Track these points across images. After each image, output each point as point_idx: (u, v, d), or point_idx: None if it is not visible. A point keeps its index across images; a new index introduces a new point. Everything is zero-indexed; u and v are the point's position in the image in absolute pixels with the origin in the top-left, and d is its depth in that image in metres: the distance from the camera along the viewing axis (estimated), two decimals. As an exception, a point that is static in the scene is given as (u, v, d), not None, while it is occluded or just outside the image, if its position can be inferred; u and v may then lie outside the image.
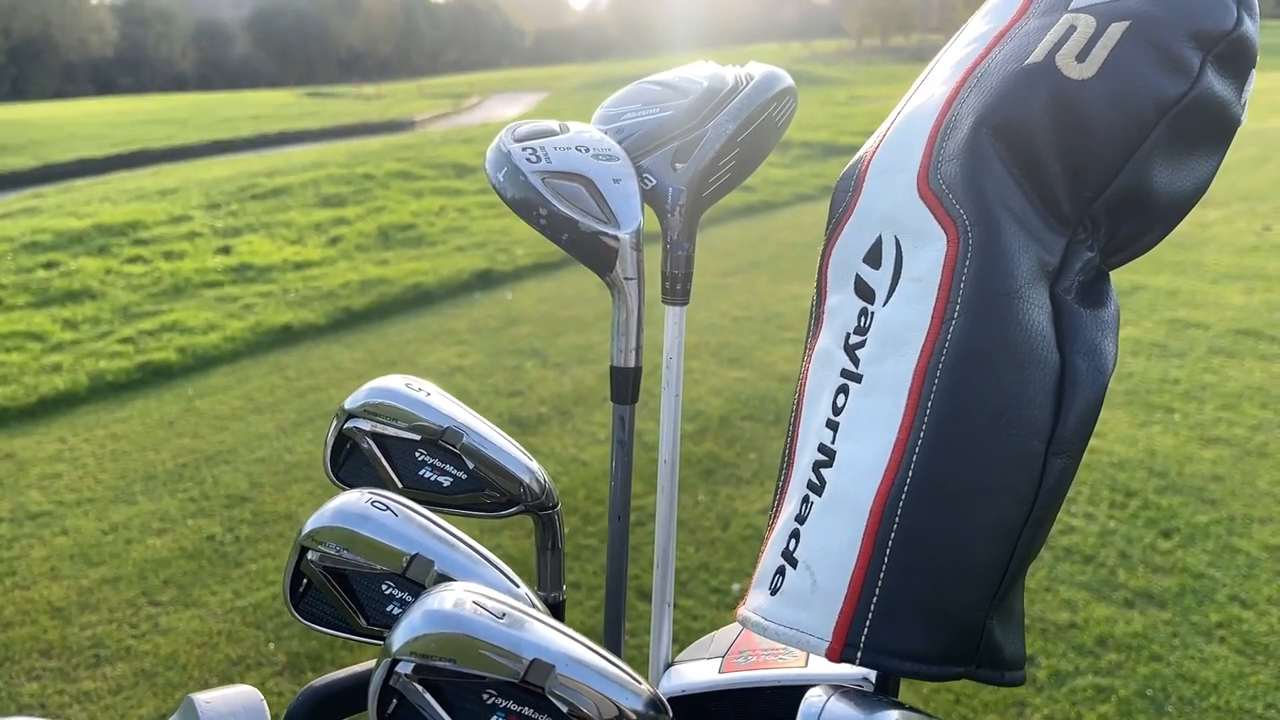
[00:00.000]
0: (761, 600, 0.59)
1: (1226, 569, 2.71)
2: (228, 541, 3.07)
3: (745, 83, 0.77)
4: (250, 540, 3.07)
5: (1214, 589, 2.62)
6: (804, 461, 0.61)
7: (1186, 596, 2.59)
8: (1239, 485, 3.17)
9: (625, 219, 0.71)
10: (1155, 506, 3.04)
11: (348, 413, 0.75)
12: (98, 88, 52.02)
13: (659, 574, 0.81)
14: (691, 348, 4.71)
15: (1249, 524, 2.93)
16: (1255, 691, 2.24)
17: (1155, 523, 2.95)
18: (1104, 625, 2.47)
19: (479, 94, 30.06)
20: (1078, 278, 0.55)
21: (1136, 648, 2.39)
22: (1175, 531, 2.90)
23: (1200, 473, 3.25)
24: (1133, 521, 2.96)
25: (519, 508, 0.75)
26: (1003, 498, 0.53)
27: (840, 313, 0.61)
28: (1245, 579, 2.66)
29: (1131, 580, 2.66)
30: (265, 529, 3.13)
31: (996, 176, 0.54)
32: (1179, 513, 3.00)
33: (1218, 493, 3.12)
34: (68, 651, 2.53)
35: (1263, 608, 2.53)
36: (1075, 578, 2.69)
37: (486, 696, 0.48)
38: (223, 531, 3.13)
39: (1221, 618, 2.49)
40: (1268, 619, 2.48)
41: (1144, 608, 2.55)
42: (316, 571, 0.60)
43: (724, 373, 4.38)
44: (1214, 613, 2.52)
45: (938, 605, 0.53)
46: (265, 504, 3.30)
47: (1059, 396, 0.53)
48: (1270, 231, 6.71)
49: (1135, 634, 2.44)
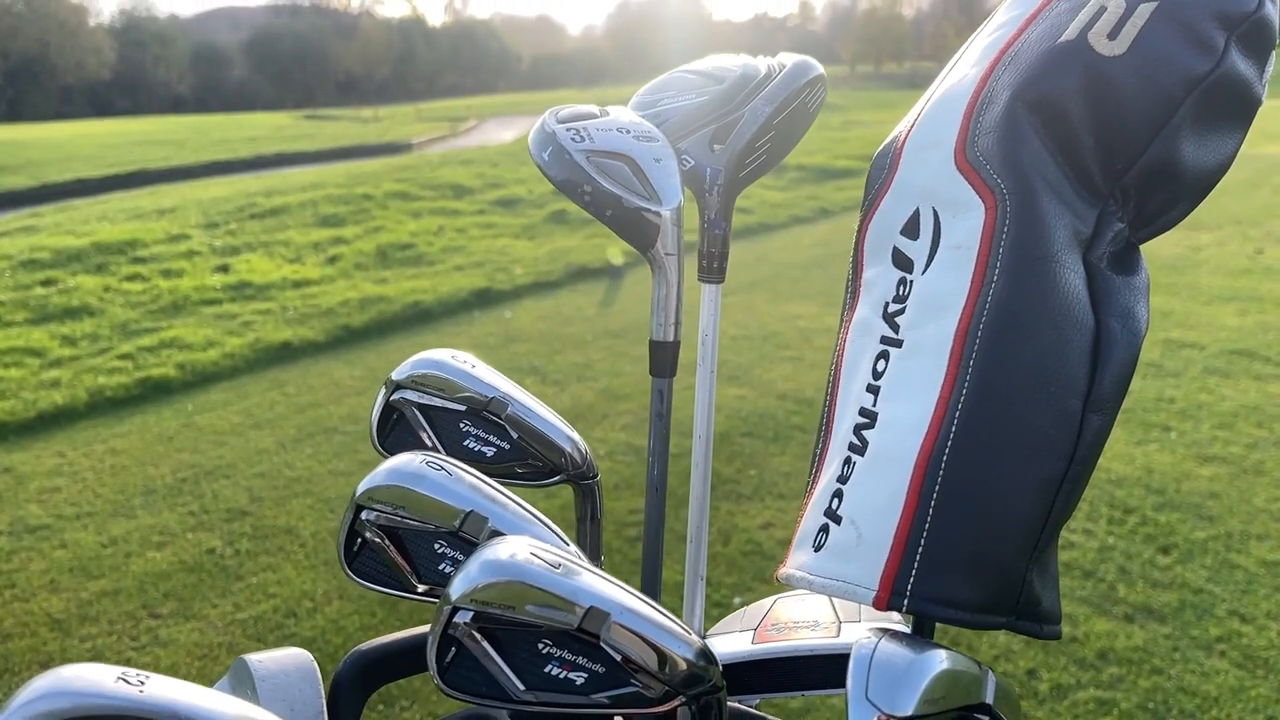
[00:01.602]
0: (805, 557, 0.61)
1: (1225, 584, 2.72)
2: (228, 555, 3.06)
3: (778, 70, 0.80)
4: (250, 554, 3.06)
5: (1213, 604, 2.63)
6: (844, 427, 0.63)
7: (1186, 611, 2.60)
8: (1236, 502, 3.18)
9: (667, 196, 0.73)
10: (1153, 523, 3.06)
11: (395, 384, 0.76)
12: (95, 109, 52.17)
13: (692, 548, 0.82)
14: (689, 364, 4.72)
15: (1246, 540, 2.95)
16: (1256, 705, 2.25)
17: (1154, 539, 2.97)
18: (1105, 639, 2.48)
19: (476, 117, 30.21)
20: (1109, 248, 0.58)
21: (1137, 661, 2.40)
22: (1174, 547, 2.92)
23: (1197, 490, 3.27)
24: (1131, 537, 2.97)
25: (560, 477, 0.76)
26: (1043, 453, 0.55)
27: (878, 284, 0.64)
28: (1244, 594, 2.67)
29: (1131, 595, 2.67)
30: (265, 542, 3.13)
31: (1032, 148, 0.57)
32: (1177, 529, 3.02)
33: (1215, 509, 3.14)
34: (67, 663, 2.52)
35: (1262, 622, 2.54)
36: (1075, 592, 2.69)
37: (542, 646, 0.49)
38: (223, 545, 3.12)
39: (1221, 632, 2.50)
40: (1267, 633, 2.49)
41: (1144, 622, 2.56)
42: (371, 530, 0.61)
43: (723, 390, 4.40)
44: (1213, 627, 2.53)
45: (981, 555, 0.55)
46: (265, 518, 3.29)
47: (1095, 357, 0.56)
48: (1262, 255, 6.77)
49: (1136, 648, 2.45)
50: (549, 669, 0.49)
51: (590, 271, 6.90)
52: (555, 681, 0.49)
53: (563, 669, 0.49)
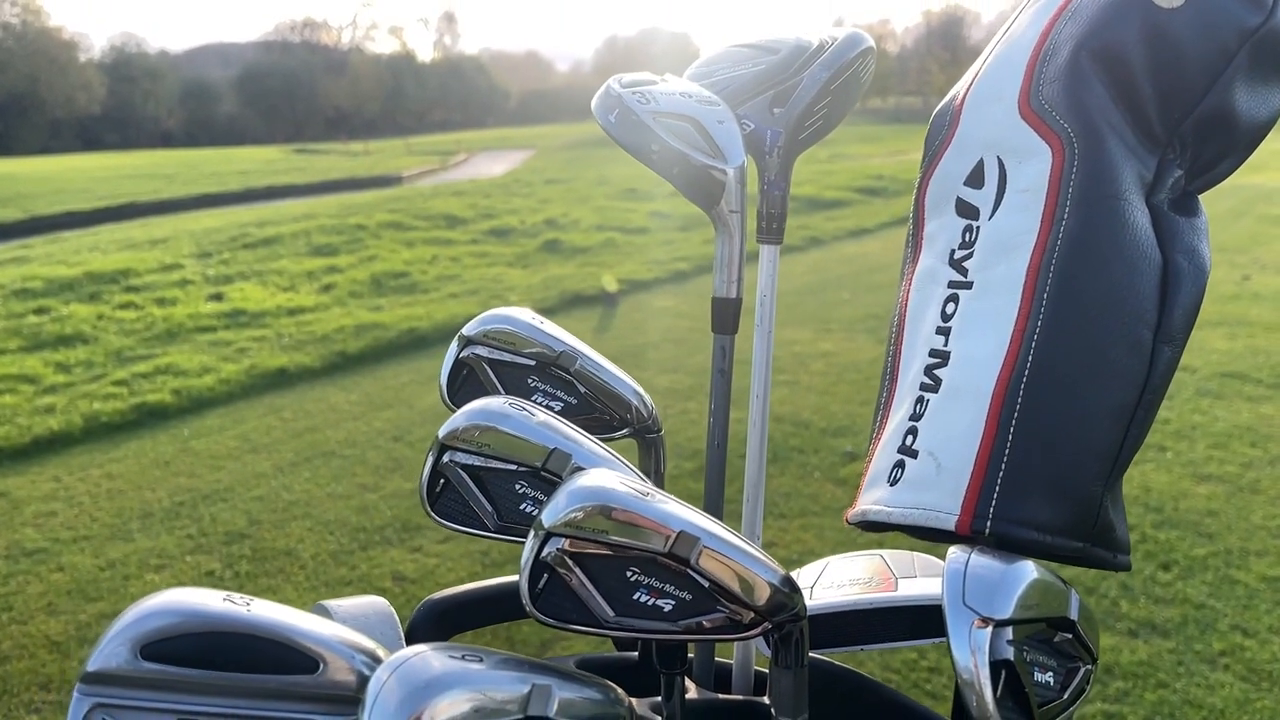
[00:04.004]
0: (880, 493, 0.62)
1: (1226, 599, 2.73)
2: (227, 577, 3.04)
3: (831, 41, 0.84)
4: (250, 575, 3.04)
5: (1215, 619, 2.64)
6: (912, 370, 0.64)
7: (1189, 626, 2.61)
8: (1234, 520, 3.20)
9: (731, 155, 0.76)
10: (1153, 540, 3.07)
11: (466, 339, 0.78)
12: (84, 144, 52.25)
13: (748, 508, 0.83)
14: (688, 390, 4.75)
15: (1246, 556, 2.96)
16: (1261, 717, 2.25)
17: (1154, 555, 2.98)
18: (1110, 654, 2.48)
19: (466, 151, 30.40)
20: (1169, 194, 0.60)
21: (1143, 675, 2.40)
22: (1174, 564, 2.93)
23: (1195, 508, 3.29)
24: (1132, 555, 2.98)
25: (626, 430, 0.78)
26: (1117, 381, 0.57)
27: (942, 234, 0.66)
28: (1245, 609, 2.68)
29: (1134, 611, 2.68)
30: (265, 564, 3.11)
31: (1097, 94, 0.59)
32: (1176, 546, 3.03)
33: (1213, 527, 3.16)
34: (67, 685, 2.49)
35: (1264, 636, 2.55)
36: (1078, 608, 2.70)
37: (630, 574, 0.50)
38: (222, 567, 3.10)
39: (1224, 646, 2.51)
40: (1270, 647, 2.50)
41: (1148, 637, 2.57)
42: (454, 470, 0.62)
43: (720, 414, 4.41)
44: (1217, 641, 2.53)
45: (1059, 479, 0.56)
46: (264, 540, 3.28)
47: (1163, 291, 0.58)
48: (1250, 281, 6.86)
49: (1141, 662, 2.45)
50: (637, 596, 0.50)
51: (585, 298, 6.93)
52: (643, 608, 0.50)
53: (650, 596, 0.50)
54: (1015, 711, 0.50)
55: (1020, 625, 0.49)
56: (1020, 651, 0.50)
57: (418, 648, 0.45)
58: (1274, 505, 3.30)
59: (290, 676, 0.47)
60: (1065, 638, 0.53)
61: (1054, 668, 0.52)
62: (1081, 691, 0.54)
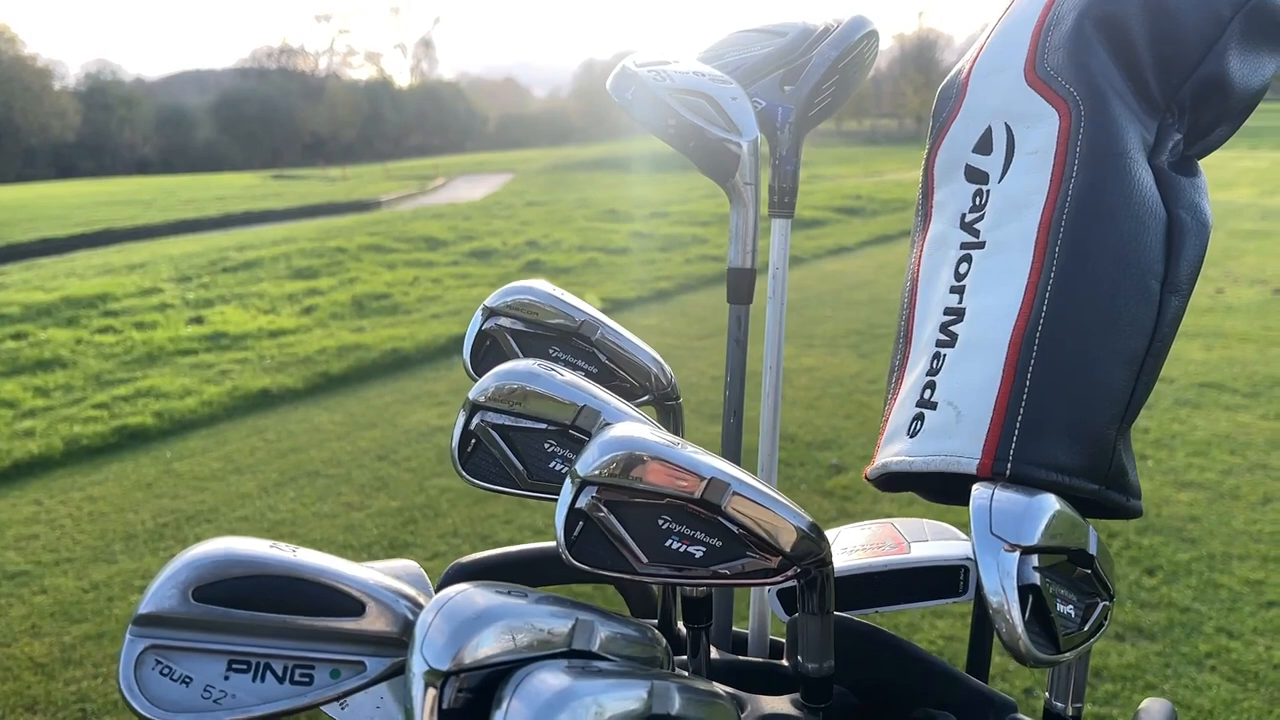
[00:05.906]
0: (900, 445, 0.64)
1: (1211, 603, 2.76)
2: (214, 596, 3.01)
3: (836, 25, 0.87)
4: (237, 594, 3.02)
5: (1200, 622, 2.67)
6: (927, 329, 0.67)
7: (1175, 629, 2.63)
8: (1215, 525, 3.25)
9: (745, 129, 0.78)
10: (1137, 546, 3.10)
11: (490, 310, 0.79)
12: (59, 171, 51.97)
13: (762, 477, 0.85)
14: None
15: (1228, 560, 3.00)
16: (1249, 717, 2.28)
17: (1139, 561, 3.01)
18: (1098, 658, 2.50)
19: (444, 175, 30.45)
20: (1169, 156, 0.63)
21: (1131, 678, 2.42)
22: (1158, 569, 2.96)
23: (1177, 514, 3.33)
24: (1117, 560, 3.01)
25: (646, 398, 0.79)
26: (1128, 329, 0.60)
27: (952, 201, 0.69)
28: (1230, 612, 2.71)
29: (1120, 615, 2.70)
30: (252, 583, 3.09)
31: (1100, 60, 0.63)
32: (1160, 551, 3.07)
33: (1196, 532, 3.20)
34: (53, 706, 2.47)
35: (1249, 638, 2.58)
36: (1066, 613, 2.72)
37: (662, 521, 0.51)
38: (208, 587, 3.08)
39: (1210, 648, 2.54)
40: (1255, 648, 2.53)
41: (1135, 640, 2.59)
42: (486, 431, 0.63)
43: (705, 428, 4.42)
44: (1203, 644, 2.56)
45: (1076, 422, 0.59)
46: (251, 560, 3.25)
47: (1169, 244, 0.61)
48: (1223, 294, 6.98)
49: (1129, 665, 2.47)
50: (669, 543, 0.51)
51: (567, 319, 6.93)
52: (675, 555, 0.51)
53: (682, 543, 0.51)
54: (1041, 636, 0.52)
55: (1045, 554, 0.51)
56: (1045, 579, 0.52)
57: (460, 586, 0.47)
58: (1254, 511, 3.35)
59: (337, 619, 0.48)
60: (1084, 573, 0.55)
61: (1074, 601, 0.54)
62: (1100, 626, 0.56)
